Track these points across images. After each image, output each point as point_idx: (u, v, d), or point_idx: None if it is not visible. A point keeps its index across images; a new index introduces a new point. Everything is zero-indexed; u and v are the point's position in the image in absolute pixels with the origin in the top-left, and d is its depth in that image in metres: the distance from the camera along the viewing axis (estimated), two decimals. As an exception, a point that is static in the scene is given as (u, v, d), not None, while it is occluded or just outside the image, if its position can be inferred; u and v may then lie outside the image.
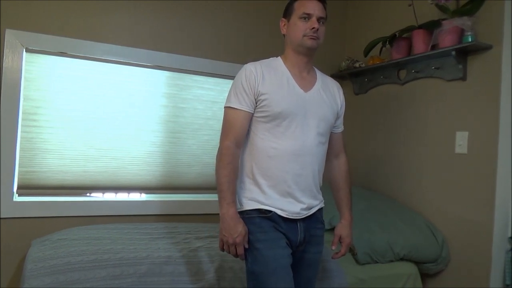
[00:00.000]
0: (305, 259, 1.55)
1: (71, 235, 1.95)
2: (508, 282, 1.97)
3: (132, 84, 2.49)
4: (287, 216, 1.47)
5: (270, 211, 1.46)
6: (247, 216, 1.47)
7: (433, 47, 2.30)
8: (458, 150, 2.20)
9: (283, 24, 1.57)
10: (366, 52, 2.61)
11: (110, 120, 2.43)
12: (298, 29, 1.49)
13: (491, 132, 2.03)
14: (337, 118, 1.64)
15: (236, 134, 1.47)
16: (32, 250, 1.85)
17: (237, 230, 1.41)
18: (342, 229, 1.65)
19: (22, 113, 2.23)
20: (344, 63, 2.92)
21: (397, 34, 2.45)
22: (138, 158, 2.51)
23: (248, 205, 1.48)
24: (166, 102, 2.58)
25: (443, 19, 2.18)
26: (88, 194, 2.41)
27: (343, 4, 3.14)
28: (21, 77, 2.21)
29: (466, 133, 2.16)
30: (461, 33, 2.11)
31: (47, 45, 2.25)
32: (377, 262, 2.09)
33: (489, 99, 2.06)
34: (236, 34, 2.75)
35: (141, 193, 2.55)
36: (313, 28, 1.46)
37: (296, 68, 1.54)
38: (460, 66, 2.17)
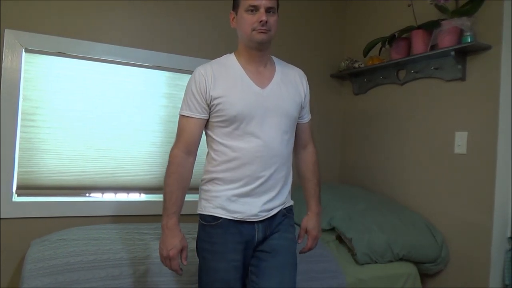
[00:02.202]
0: (272, 246, 1.46)
1: (70, 236, 1.95)
2: (507, 282, 1.97)
3: (131, 84, 2.49)
4: (244, 219, 1.42)
5: (220, 218, 1.41)
6: (202, 221, 1.45)
7: (433, 47, 2.30)
8: (457, 150, 2.20)
9: (232, 17, 1.48)
10: (366, 52, 2.61)
11: (109, 120, 2.43)
12: (246, 23, 1.39)
13: (490, 132, 2.04)
14: (301, 108, 1.54)
15: (186, 142, 1.42)
16: (31, 250, 1.84)
17: (172, 243, 1.37)
18: (308, 221, 1.58)
19: (21, 113, 2.23)
20: (343, 63, 2.92)
21: (396, 34, 2.46)
22: (137, 158, 2.51)
23: (205, 209, 1.45)
24: (166, 103, 2.58)
25: (442, 20, 2.18)
26: (87, 195, 2.41)
27: (342, 4, 3.14)
28: (20, 77, 2.20)
29: (465, 133, 2.16)
30: (460, 33, 2.12)
31: (46, 45, 2.25)
32: (377, 262, 2.09)
33: (488, 99, 2.06)
34: (236, 34, 2.74)
35: (140, 193, 2.55)
36: (261, 21, 1.36)
37: (251, 64, 1.46)
38: (459, 67, 2.18)
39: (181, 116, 1.45)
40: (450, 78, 2.25)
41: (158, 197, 2.57)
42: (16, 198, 2.23)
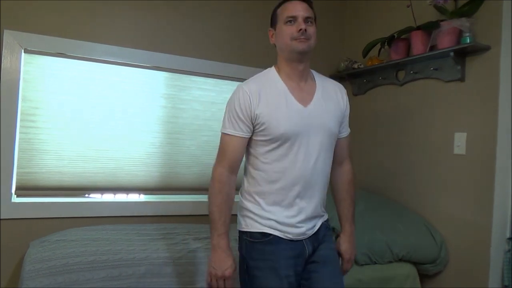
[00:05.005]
0: (321, 257, 1.48)
1: (69, 236, 1.95)
2: (506, 283, 1.97)
3: (130, 85, 2.49)
4: (293, 238, 1.42)
5: (270, 234, 1.40)
6: (250, 239, 1.43)
7: (432, 48, 2.30)
8: (456, 151, 2.20)
9: (271, 34, 1.50)
10: (365, 53, 2.61)
11: (108, 121, 2.43)
12: (285, 34, 1.40)
13: (490, 133, 2.04)
14: (341, 123, 1.56)
15: (230, 160, 1.42)
16: (30, 251, 1.84)
17: (228, 263, 1.36)
18: (341, 244, 1.58)
19: (21, 113, 2.23)
20: (343, 64, 2.92)
21: (395, 35, 2.45)
22: (137, 159, 2.51)
23: (252, 226, 1.43)
24: (165, 103, 2.58)
25: (442, 20, 2.18)
26: (86, 195, 2.40)
27: (342, 4, 3.14)
28: (19, 78, 2.20)
29: (464, 134, 2.16)
30: (460, 34, 2.12)
31: (45, 46, 2.25)
32: (376, 263, 2.09)
33: (488, 100, 2.06)
34: (235, 34, 2.75)
35: (139, 194, 2.55)
36: (300, 29, 1.37)
37: (293, 79, 1.45)
38: (459, 67, 2.18)
39: (224, 134, 1.44)
40: (449, 79, 2.25)
41: (158, 198, 2.58)
42: (15, 199, 2.23)
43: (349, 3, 3.13)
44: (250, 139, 1.45)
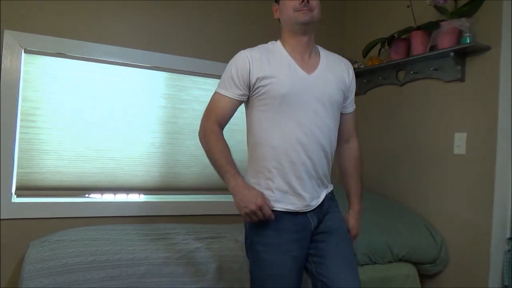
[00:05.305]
0: (327, 227, 1.47)
1: (69, 236, 1.95)
2: (506, 283, 1.97)
3: (130, 85, 2.49)
4: (297, 210, 1.41)
5: (273, 210, 1.39)
6: None
7: (432, 48, 2.30)
8: (456, 151, 2.20)
9: (275, 9, 1.52)
10: (365, 53, 2.61)
11: (108, 121, 2.43)
12: (288, 7, 1.42)
13: (490, 133, 2.04)
14: (346, 98, 1.55)
15: (219, 117, 1.44)
16: (30, 251, 1.84)
17: (255, 194, 1.34)
18: (349, 220, 1.58)
19: (21, 114, 2.23)
20: (342, 64, 2.92)
21: (395, 35, 2.46)
22: (136, 159, 2.51)
23: None
24: (164, 103, 2.58)
25: (442, 20, 2.18)
26: (86, 195, 2.40)
27: (342, 4, 3.14)
28: (19, 78, 2.20)
29: (464, 134, 2.16)
30: (460, 34, 2.12)
31: (45, 46, 2.25)
32: (376, 263, 2.09)
33: (488, 100, 2.06)
34: (235, 34, 2.75)
35: (139, 194, 2.55)
36: (303, 1, 1.38)
37: (297, 52, 1.46)
38: (459, 67, 2.18)
39: (216, 93, 1.48)
40: (449, 79, 2.25)
41: (157, 198, 2.58)
42: (15, 199, 2.23)
43: (349, 3, 3.13)
44: (251, 106, 1.45)
